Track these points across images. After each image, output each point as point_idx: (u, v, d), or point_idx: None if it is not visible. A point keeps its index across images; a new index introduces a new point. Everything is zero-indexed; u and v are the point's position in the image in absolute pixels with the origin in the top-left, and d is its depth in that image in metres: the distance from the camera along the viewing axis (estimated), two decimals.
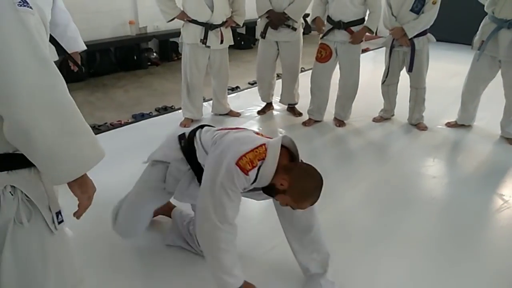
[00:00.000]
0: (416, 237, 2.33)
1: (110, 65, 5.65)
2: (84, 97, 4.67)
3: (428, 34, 3.55)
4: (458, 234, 2.36)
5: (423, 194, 2.81)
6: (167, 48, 6.31)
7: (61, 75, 1.04)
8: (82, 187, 1.15)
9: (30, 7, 1.01)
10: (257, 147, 1.67)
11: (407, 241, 2.29)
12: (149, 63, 6.02)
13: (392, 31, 3.55)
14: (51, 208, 1.17)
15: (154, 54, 6.15)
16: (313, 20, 3.63)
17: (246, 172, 1.62)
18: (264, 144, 1.69)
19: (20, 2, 0.99)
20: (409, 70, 3.59)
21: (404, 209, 2.61)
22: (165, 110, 4.31)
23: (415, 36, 3.46)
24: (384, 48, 3.83)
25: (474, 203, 2.67)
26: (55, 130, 1.01)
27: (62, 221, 1.21)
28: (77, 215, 1.19)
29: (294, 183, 1.67)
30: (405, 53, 3.60)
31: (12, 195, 1.09)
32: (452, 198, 2.75)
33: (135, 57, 5.85)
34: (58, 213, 1.20)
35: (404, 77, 3.76)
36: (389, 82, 3.79)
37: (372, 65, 6.43)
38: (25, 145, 1.01)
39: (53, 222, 1.17)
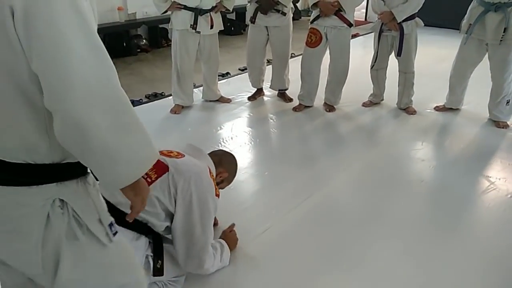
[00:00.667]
0: (405, 218, 2.38)
1: None
2: None
3: (417, 19, 3.56)
4: (446, 215, 2.41)
5: (412, 177, 2.86)
6: (156, 35, 6.26)
7: (114, 66, 0.94)
8: (136, 189, 1.02)
9: None
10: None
11: (396, 222, 2.34)
12: (138, 50, 5.97)
13: (381, 16, 3.56)
14: (103, 221, 1.07)
15: (144, 40, 6.10)
16: (314, 4, 3.52)
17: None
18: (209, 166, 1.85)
19: None
20: (398, 54, 3.61)
21: (393, 191, 2.65)
22: (155, 96, 4.30)
23: (403, 21, 3.48)
24: (373, 33, 3.84)
25: (462, 185, 2.72)
26: (112, 126, 0.90)
27: (116, 232, 1.10)
28: (129, 218, 1.09)
29: (229, 169, 2.01)
30: (394, 38, 3.62)
31: (61, 209, 0.99)
32: (440, 180, 2.80)
33: (124, 44, 5.80)
34: (111, 224, 1.09)
35: (393, 61, 3.79)
36: (378, 66, 3.81)
37: (361, 50, 6.44)
38: (80, 145, 0.89)
39: (107, 234, 1.07)
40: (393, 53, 3.72)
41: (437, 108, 3.95)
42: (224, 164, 1.99)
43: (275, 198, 2.43)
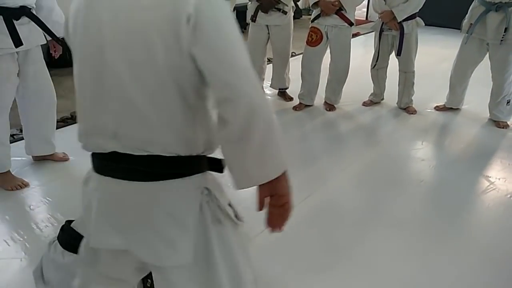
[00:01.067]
0: (404, 218, 2.38)
1: None
2: (73, 82, 4.61)
3: (417, 18, 3.56)
4: (445, 215, 2.41)
5: (411, 176, 2.86)
6: None
7: None
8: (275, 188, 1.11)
9: None
10: None
11: (396, 222, 2.34)
12: None
13: (382, 15, 3.56)
14: (231, 204, 1.16)
15: None
16: (315, 3, 3.54)
17: None
18: None
19: None
20: (398, 54, 3.61)
21: (393, 191, 2.65)
22: None
23: (404, 20, 3.47)
24: (374, 33, 3.83)
25: (461, 185, 2.72)
26: (267, 117, 0.97)
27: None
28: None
29: None
30: (394, 37, 3.62)
31: (208, 197, 1.08)
32: (440, 180, 2.80)
33: None
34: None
35: (393, 61, 3.78)
36: (378, 66, 3.81)
37: (362, 49, 6.43)
38: (245, 133, 0.95)
39: (236, 216, 1.16)
40: (393, 52, 3.71)
41: (437, 108, 3.95)
42: None
43: None
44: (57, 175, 2.71)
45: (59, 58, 2.81)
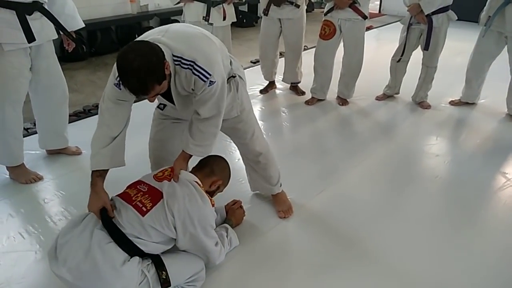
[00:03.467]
0: (418, 214, 2.34)
1: (111, 44, 5.60)
2: (86, 76, 4.65)
3: (449, 12, 3.42)
4: (460, 211, 2.37)
5: (426, 172, 2.81)
6: None
7: None
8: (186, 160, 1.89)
9: None
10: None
11: (409, 218, 2.31)
12: None
13: (409, 8, 3.48)
14: None
15: None
16: None
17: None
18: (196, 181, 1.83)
19: None
20: (425, 48, 3.50)
21: (407, 186, 2.62)
22: None
23: (433, 13, 3.37)
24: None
25: (477, 181, 2.67)
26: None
27: None
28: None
29: (222, 176, 1.97)
30: (423, 31, 3.51)
31: None
32: (455, 176, 2.75)
33: (136, 36, 5.76)
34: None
35: (413, 55, 3.71)
36: (396, 58, 3.73)
37: (375, 43, 6.36)
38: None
39: None
40: (419, 46, 3.63)
41: (452, 103, 3.88)
42: (217, 172, 1.94)
43: (286, 192, 2.40)
44: (70, 169, 2.73)
45: (72, 53, 2.81)
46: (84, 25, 2.64)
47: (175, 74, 1.65)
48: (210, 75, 1.64)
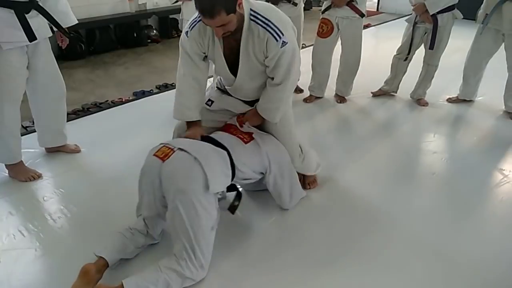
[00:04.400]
0: (417, 210, 2.36)
1: (110, 43, 5.61)
2: (84, 75, 4.65)
3: (455, 10, 3.41)
4: (458, 208, 2.38)
5: (423, 169, 2.83)
6: (167, 25, 6.25)
7: None
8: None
9: None
10: None
11: (408, 214, 2.32)
12: (149, 40, 5.97)
13: (415, 7, 3.48)
14: None
15: (154, 31, 6.09)
16: None
17: None
18: None
19: None
20: (430, 47, 3.49)
21: (404, 183, 2.63)
22: (165, 87, 4.30)
23: (439, 12, 3.36)
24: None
25: (474, 178, 2.68)
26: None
27: None
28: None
29: None
30: (427, 29, 3.50)
31: None
32: (452, 173, 2.76)
33: (135, 34, 5.81)
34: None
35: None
36: (401, 56, 3.74)
37: (373, 40, 6.37)
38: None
39: None
40: (422, 45, 3.63)
41: (450, 100, 3.90)
42: None
43: None
44: (69, 167, 2.74)
45: (69, 51, 2.82)
46: (77, 21, 2.63)
47: (249, 29, 1.78)
48: (283, 35, 1.76)
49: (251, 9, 1.78)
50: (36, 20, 2.35)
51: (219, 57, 1.92)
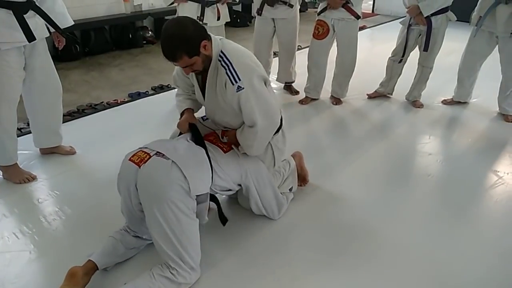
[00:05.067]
0: (411, 212, 2.37)
1: (105, 44, 5.59)
2: (80, 76, 4.63)
3: (449, 12, 3.43)
4: (453, 209, 2.40)
5: (419, 171, 2.84)
6: (162, 26, 6.22)
7: None
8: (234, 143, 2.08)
9: None
10: None
11: (403, 215, 2.33)
12: (144, 42, 5.96)
13: (409, 9, 3.50)
14: None
15: (150, 32, 6.08)
16: None
17: None
18: None
19: None
20: (424, 49, 3.51)
21: (400, 185, 2.64)
22: (161, 89, 4.29)
23: (433, 14, 3.37)
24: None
25: (469, 180, 2.70)
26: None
27: None
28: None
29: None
30: (421, 31, 3.52)
31: None
32: (447, 175, 2.78)
33: (130, 36, 5.80)
34: None
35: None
36: (396, 58, 3.76)
37: (368, 42, 6.40)
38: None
39: None
40: (417, 47, 3.65)
41: (444, 102, 3.92)
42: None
43: None
44: (64, 169, 2.72)
45: (65, 52, 2.81)
46: (73, 23, 2.63)
47: (215, 69, 1.86)
48: (239, 80, 1.79)
49: (221, 51, 1.85)
50: (34, 21, 2.35)
51: (195, 83, 2.03)
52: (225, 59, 1.82)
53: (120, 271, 1.87)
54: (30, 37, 2.31)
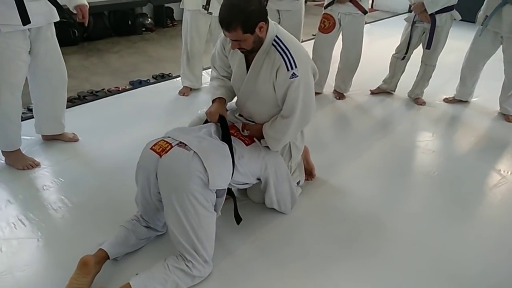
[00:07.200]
0: (415, 209, 2.38)
1: (104, 30, 5.49)
2: (78, 62, 4.55)
3: (453, 11, 3.42)
4: (456, 208, 2.42)
5: (422, 168, 2.86)
6: (162, 14, 6.15)
7: None
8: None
9: None
10: None
11: (406, 213, 2.34)
12: (143, 29, 5.87)
13: (413, 6, 3.48)
14: None
15: (149, 19, 5.99)
16: None
17: None
18: None
19: None
20: (427, 47, 3.51)
21: (403, 182, 2.65)
22: (162, 77, 4.24)
23: (437, 12, 3.37)
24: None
25: (472, 178, 2.73)
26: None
27: None
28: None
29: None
30: (425, 29, 3.52)
31: None
32: (450, 173, 2.80)
33: (129, 22, 5.70)
34: None
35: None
36: (399, 55, 3.76)
37: (368, 38, 6.30)
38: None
39: None
40: (420, 44, 3.65)
41: (446, 100, 3.94)
42: None
43: None
44: (67, 156, 2.68)
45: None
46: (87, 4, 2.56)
47: (265, 53, 1.85)
48: (296, 67, 1.79)
49: (276, 35, 1.84)
50: (38, 4, 2.28)
51: (235, 63, 1.99)
52: (281, 44, 1.82)
53: (130, 261, 1.85)
54: (25, 20, 2.22)
